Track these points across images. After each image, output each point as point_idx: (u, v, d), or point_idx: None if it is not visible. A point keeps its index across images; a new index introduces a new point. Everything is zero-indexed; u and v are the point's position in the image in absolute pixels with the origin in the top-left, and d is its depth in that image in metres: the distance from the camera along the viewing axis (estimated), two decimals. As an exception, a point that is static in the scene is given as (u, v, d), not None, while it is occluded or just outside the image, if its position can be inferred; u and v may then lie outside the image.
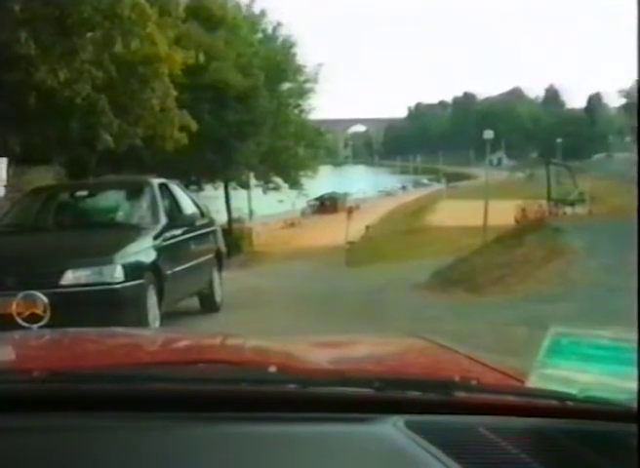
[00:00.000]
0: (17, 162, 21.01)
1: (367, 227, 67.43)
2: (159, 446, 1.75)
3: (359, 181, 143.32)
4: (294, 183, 54.18)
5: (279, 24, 50.31)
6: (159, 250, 12.53)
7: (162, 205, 13.72)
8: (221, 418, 1.82)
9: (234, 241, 48.36)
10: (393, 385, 1.97)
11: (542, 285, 16.09)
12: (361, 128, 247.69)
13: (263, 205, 70.13)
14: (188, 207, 15.19)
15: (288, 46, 50.20)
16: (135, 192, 14.80)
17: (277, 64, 47.03)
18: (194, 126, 27.72)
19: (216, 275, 16.09)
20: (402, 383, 2.02)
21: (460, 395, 1.90)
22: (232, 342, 3.32)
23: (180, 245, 13.64)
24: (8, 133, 22.89)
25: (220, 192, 50.91)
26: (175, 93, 26.39)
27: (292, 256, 47.84)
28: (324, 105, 66.23)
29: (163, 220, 13.32)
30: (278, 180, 53.87)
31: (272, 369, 2.08)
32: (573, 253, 18.35)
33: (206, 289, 15.45)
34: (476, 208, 47.75)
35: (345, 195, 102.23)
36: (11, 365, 2.61)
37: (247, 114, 39.44)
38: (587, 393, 1.82)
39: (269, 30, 50.24)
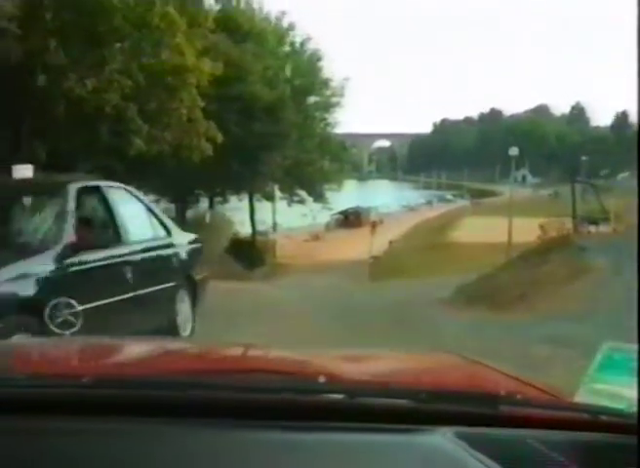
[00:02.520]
0: (43, 169, 21.05)
1: (390, 242, 67.27)
2: (210, 452, 1.75)
3: (383, 196, 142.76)
4: (318, 197, 54.18)
5: (308, 38, 50.27)
6: (56, 278, 8.88)
7: (72, 217, 9.63)
8: (272, 427, 1.82)
9: (258, 253, 48.37)
10: (439, 398, 1.97)
11: (567, 303, 15.94)
12: (385, 143, 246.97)
13: (287, 218, 70.06)
14: (135, 221, 11.61)
15: (315, 59, 50.16)
16: (46, 198, 10.79)
17: (304, 78, 47.05)
18: (220, 137, 27.71)
19: (182, 307, 12.44)
20: (448, 396, 2.02)
21: (507, 408, 1.90)
22: (274, 354, 3.32)
23: (104, 272, 9.99)
24: (36, 140, 23.01)
25: (245, 204, 50.88)
26: (202, 103, 26.41)
27: (315, 269, 47.77)
28: (349, 120, 66.22)
29: (68, 239, 9.38)
30: (303, 193, 53.79)
31: (321, 378, 2.12)
32: (597, 271, 18.24)
33: (165, 325, 11.51)
34: (500, 225, 47.65)
35: (369, 209, 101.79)
36: (59, 370, 2.56)
37: (273, 126, 39.46)
38: (633, 408, 1.82)
39: (297, 44, 50.13)
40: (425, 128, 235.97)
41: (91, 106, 22.87)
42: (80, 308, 4.98)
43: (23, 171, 19.38)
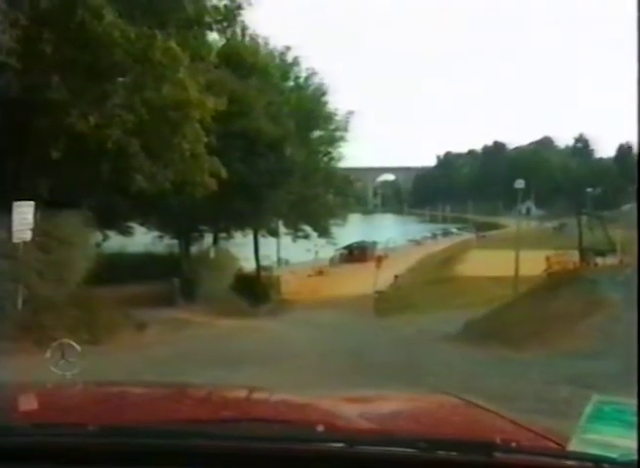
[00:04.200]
0: (45, 206, 20.75)
1: (396, 277, 66.93)
2: None
3: (388, 230, 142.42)
4: (323, 232, 53.71)
5: (312, 73, 50.01)
6: None
7: None
8: None
9: (262, 289, 47.97)
10: (437, 445, 2.05)
11: (582, 340, 15.48)
12: (390, 176, 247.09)
13: (291, 253, 69.77)
14: None
15: (319, 94, 49.90)
16: None
17: (308, 112, 46.77)
18: (224, 172, 27.35)
19: None
20: (445, 444, 2.10)
21: (501, 456, 1.99)
22: (275, 398, 3.49)
23: None
24: (38, 176, 22.71)
25: (249, 239, 50.51)
26: (205, 139, 26.07)
27: (320, 305, 47.40)
28: (353, 153, 65.76)
29: None
30: (307, 228, 53.42)
31: (320, 427, 2.24)
32: (611, 306, 17.79)
33: None
34: (506, 258, 47.25)
35: (374, 244, 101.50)
36: (61, 417, 2.68)
37: (277, 163, 39.05)
38: (628, 458, 1.88)
39: (302, 78, 49.88)
40: (429, 161, 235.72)
41: (93, 142, 22.42)
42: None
43: (24, 208, 19.22)
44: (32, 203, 20.08)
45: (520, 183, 52.89)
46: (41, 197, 21.26)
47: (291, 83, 49.12)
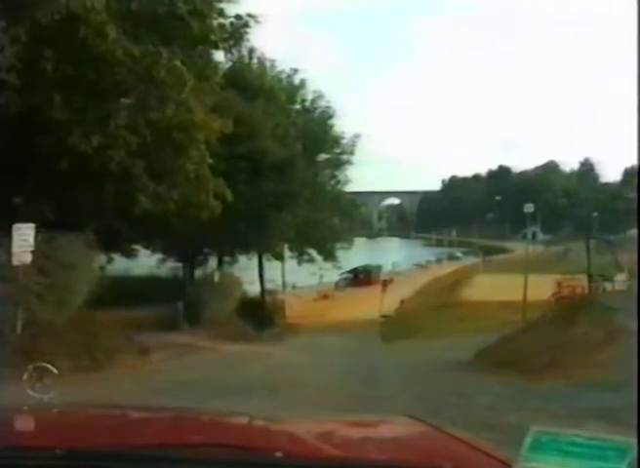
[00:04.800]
0: (46, 228, 20.25)
1: (402, 301, 66.57)
2: None
3: (393, 254, 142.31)
4: (328, 255, 53.29)
5: (319, 96, 49.70)
6: None
7: None
8: None
9: (267, 313, 47.61)
10: None
11: (604, 370, 14.80)
12: (395, 200, 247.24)
13: (296, 276, 69.44)
14: None
15: (326, 117, 49.57)
16: None
17: (314, 135, 46.39)
18: (230, 195, 26.90)
19: None
20: None
21: None
22: (240, 423, 3.57)
23: None
24: (39, 197, 22.24)
25: (254, 263, 50.05)
26: (210, 160, 25.63)
27: (326, 330, 47.05)
28: (359, 177, 65.35)
29: None
30: (312, 252, 53.03)
31: (278, 454, 2.33)
32: (631, 335, 17.14)
33: None
34: (512, 282, 46.80)
35: (379, 268, 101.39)
36: (34, 441, 2.74)
37: (284, 185, 38.74)
38: None
39: (308, 101, 49.57)
40: (434, 185, 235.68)
41: (96, 163, 22.00)
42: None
43: (24, 230, 18.71)
44: (32, 225, 19.57)
45: (529, 207, 52.72)
46: (43, 219, 20.78)
47: (297, 106, 48.76)
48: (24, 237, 19.23)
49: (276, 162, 37.93)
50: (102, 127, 21.50)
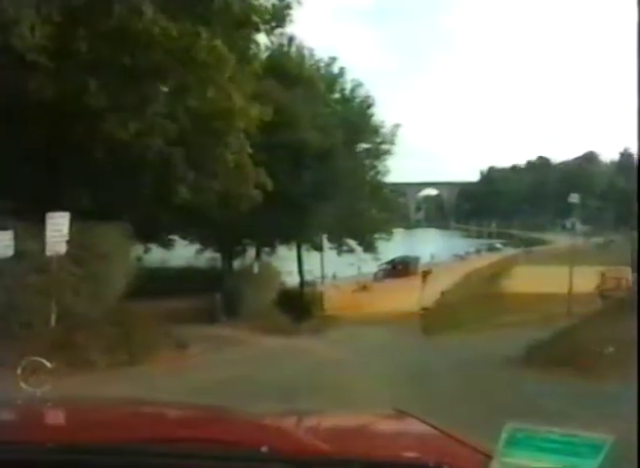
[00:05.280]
0: (81, 217, 19.59)
1: (442, 293, 65.75)
2: None
3: (431, 245, 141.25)
4: (368, 246, 52.64)
5: (358, 85, 48.93)
6: None
7: None
8: None
9: (306, 305, 47.05)
10: (374, 466, 2.40)
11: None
12: (433, 191, 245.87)
13: (333, 267, 68.85)
14: None
15: (365, 106, 48.80)
16: None
17: (354, 125, 45.57)
18: (270, 184, 26.27)
19: None
20: (381, 465, 2.45)
21: None
22: (228, 417, 3.54)
23: None
24: (75, 186, 21.65)
25: (291, 254, 49.40)
26: (250, 150, 24.97)
27: (365, 322, 46.30)
28: (396, 168, 64.35)
29: None
30: (352, 243, 52.39)
31: (264, 448, 2.41)
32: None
33: None
34: (554, 274, 45.84)
35: (417, 259, 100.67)
36: (24, 435, 2.80)
37: (324, 174, 38.18)
38: None
39: (347, 90, 48.81)
40: (473, 176, 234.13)
41: (133, 152, 21.57)
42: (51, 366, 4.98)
43: (58, 219, 18.08)
44: (67, 214, 18.91)
45: (574, 198, 51.59)
46: (78, 208, 20.15)
47: (336, 95, 47.99)
48: (58, 226, 18.58)
49: (317, 151, 37.33)
50: (139, 114, 20.87)
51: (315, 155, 37.43)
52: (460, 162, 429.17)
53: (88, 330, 18.77)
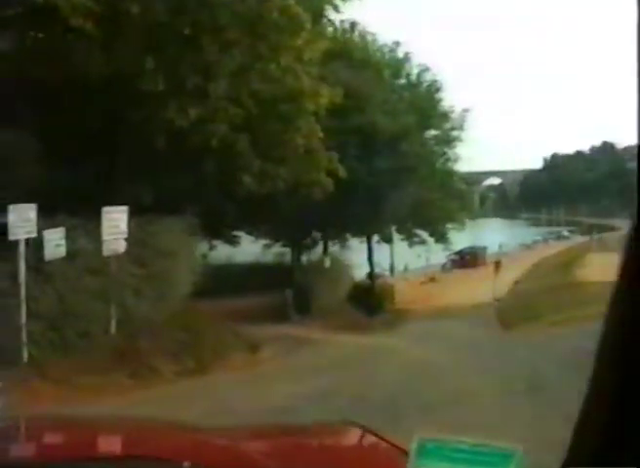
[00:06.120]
0: (141, 211, 17.93)
1: (515, 282, 63.80)
2: None
3: (497, 235, 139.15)
4: (440, 237, 50.74)
5: (425, 69, 46.95)
6: None
7: None
8: None
9: (377, 299, 45.57)
10: None
11: None
12: (496, 180, 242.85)
13: (401, 259, 67.33)
14: None
15: (433, 90, 46.82)
16: None
17: (422, 111, 43.63)
18: (343, 170, 24.57)
19: None
20: None
21: None
22: (179, 435, 3.54)
23: None
24: (133, 178, 20.08)
25: (355, 246, 47.59)
26: (321, 134, 23.31)
27: (439, 315, 44.40)
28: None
29: None
30: (422, 234, 50.52)
31: (186, 464, 2.41)
32: None
33: None
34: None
35: (484, 249, 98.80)
36: None
37: (397, 161, 36.32)
38: None
39: (414, 75, 46.90)
40: (536, 163, 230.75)
41: (195, 139, 19.90)
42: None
43: (116, 214, 16.39)
44: (125, 208, 17.23)
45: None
46: (136, 202, 18.51)
47: (402, 80, 46.13)
48: (116, 222, 16.93)
49: (388, 136, 35.49)
50: (201, 97, 19.23)
51: (387, 140, 35.64)
52: (521, 149, 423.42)
53: (152, 335, 17.24)
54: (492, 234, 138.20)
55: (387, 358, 21.18)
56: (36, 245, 14.67)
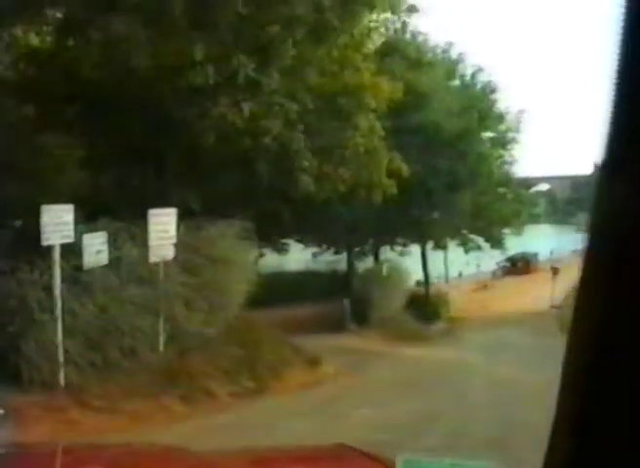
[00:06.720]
0: (191, 215, 16.45)
1: (573, 289, 62.03)
2: None
3: (547, 241, 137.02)
4: (497, 243, 49.04)
5: (479, 70, 45.37)
6: None
7: None
8: None
9: (432, 307, 44.50)
10: None
11: None
12: (545, 186, 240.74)
13: (451, 266, 66.00)
14: None
15: (488, 91, 45.23)
16: None
17: (478, 112, 42.13)
18: (406, 171, 23.09)
19: None
20: None
21: None
22: (171, 458, 3.64)
23: None
24: (182, 182, 18.63)
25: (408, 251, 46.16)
26: (382, 132, 21.89)
27: (497, 324, 42.88)
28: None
29: None
30: (478, 239, 48.89)
31: None
32: None
33: None
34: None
35: (536, 255, 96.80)
36: None
37: (459, 163, 35.05)
38: None
39: (468, 76, 45.37)
40: (586, 169, 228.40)
41: (247, 137, 18.62)
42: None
43: (164, 217, 14.88)
44: (173, 210, 15.71)
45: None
46: (184, 205, 17.06)
47: (456, 81, 44.62)
48: (164, 226, 15.45)
49: (450, 136, 34.18)
50: (254, 91, 17.81)
51: (447, 140, 34.28)
52: (570, 153, 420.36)
53: (205, 352, 15.74)
54: (542, 240, 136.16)
55: (467, 375, 19.52)
56: (74, 251, 13.19)
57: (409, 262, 45.75)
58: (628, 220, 1.23)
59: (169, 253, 15.63)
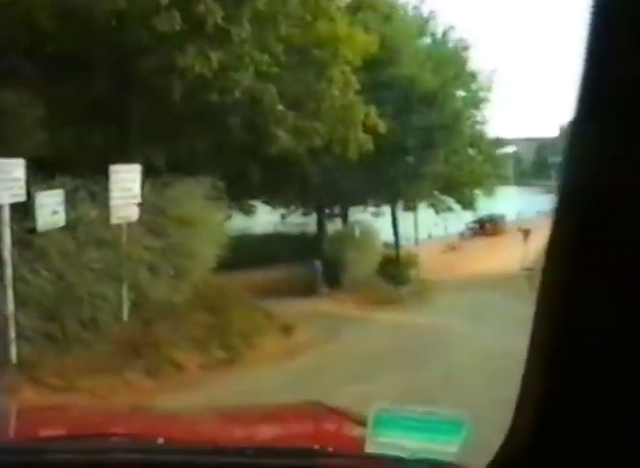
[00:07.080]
0: (156, 173, 15.44)
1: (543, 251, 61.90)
2: None
3: (512, 203, 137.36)
4: (468, 204, 48.49)
5: (450, 28, 44.58)
6: None
7: None
8: None
9: (403, 269, 44.38)
10: (263, 454, 2.44)
11: None
12: (511, 148, 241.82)
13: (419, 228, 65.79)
14: None
15: (460, 50, 44.45)
16: None
17: (449, 71, 41.40)
18: (382, 126, 22.48)
19: None
20: (271, 452, 2.52)
21: (317, 461, 2.43)
22: (136, 416, 3.70)
23: None
24: (146, 138, 17.70)
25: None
26: (357, 85, 21.26)
27: (468, 286, 42.39)
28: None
29: None
30: (448, 200, 48.27)
31: (160, 440, 2.57)
32: None
33: None
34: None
35: (503, 217, 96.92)
36: None
37: (434, 120, 34.28)
38: (415, 456, 2.20)
39: (439, 34, 44.58)
40: (552, 131, 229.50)
41: (216, 90, 17.71)
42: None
43: (126, 173, 13.79)
44: (137, 166, 14.66)
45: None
46: (150, 162, 16.11)
47: (427, 39, 43.84)
48: (127, 184, 14.41)
49: (425, 92, 33.53)
50: (223, 42, 17.06)
51: (423, 97, 33.69)
52: (536, 116, 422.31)
53: (172, 320, 14.76)
54: (507, 202, 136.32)
55: (449, 342, 18.59)
56: (26, 211, 12.07)
57: (378, 224, 45.17)
58: (597, 183, 1.22)
59: (132, 213, 14.60)
